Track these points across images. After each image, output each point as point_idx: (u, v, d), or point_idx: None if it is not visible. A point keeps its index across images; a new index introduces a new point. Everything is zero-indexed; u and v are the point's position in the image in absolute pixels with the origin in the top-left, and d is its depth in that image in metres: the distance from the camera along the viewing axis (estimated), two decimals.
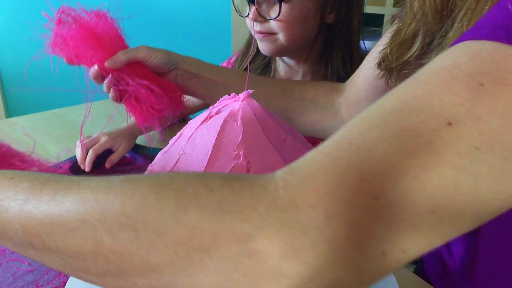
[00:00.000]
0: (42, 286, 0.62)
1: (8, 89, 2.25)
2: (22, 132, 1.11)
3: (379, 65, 0.63)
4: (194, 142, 0.45)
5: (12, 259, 0.67)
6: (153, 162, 0.49)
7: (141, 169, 0.92)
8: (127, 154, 0.96)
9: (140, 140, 1.02)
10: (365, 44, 1.01)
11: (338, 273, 0.26)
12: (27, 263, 0.66)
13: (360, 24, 0.99)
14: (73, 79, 2.34)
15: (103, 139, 0.92)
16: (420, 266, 0.79)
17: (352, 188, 0.26)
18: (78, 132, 0.97)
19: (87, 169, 0.87)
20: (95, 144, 0.91)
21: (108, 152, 0.92)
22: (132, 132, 0.97)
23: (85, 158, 0.88)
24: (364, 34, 1.02)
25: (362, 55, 0.94)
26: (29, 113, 1.23)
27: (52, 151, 0.97)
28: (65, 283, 0.53)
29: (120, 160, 0.95)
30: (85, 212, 0.29)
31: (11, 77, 2.23)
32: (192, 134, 0.45)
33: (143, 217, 0.27)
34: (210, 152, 0.43)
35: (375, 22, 1.70)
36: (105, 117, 1.01)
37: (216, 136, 0.43)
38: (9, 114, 2.26)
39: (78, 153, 0.90)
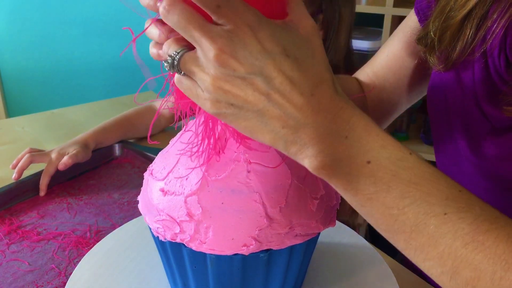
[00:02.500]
0: (42, 286, 0.62)
1: (8, 89, 2.25)
2: (22, 132, 1.11)
3: (419, 40, 0.62)
4: (194, 143, 0.45)
5: (12, 259, 0.67)
6: (153, 162, 0.49)
7: (142, 169, 0.92)
8: (125, 155, 0.96)
9: (139, 139, 1.02)
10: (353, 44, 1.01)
11: None
12: (27, 263, 0.66)
13: (348, 44, 0.97)
14: (74, 79, 2.35)
15: (53, 156, 0.84)
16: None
17: None
18: (78, 132, 0.97)
19: (41, 194, 0.82)
20: (43, 159, 0.84)
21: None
22: (86, 145, 0.89)
23: (19, 177, 0.82)
24: (364, 34, 1.03)
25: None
26: (29, 113, 1.23)
27: None
28: (65, 283, 0.53)
29: (121, 160, 0.95)
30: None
31: (11, 77, 2.22)
32: (192, 134, 0.45)
33: None
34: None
35: (375, 22, 1.70)
36: (105, 117, 1.01)
37: (217, 137, 0.43)
38: (9, 114, 2.26)
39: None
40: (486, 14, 0.53)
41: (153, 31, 0.37)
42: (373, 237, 1.61)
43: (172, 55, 0.35)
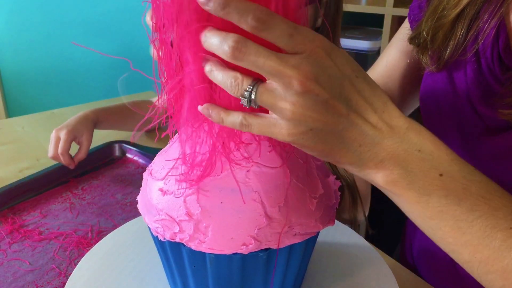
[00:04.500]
0: (42, 286, 0.62)
1: (8, 89, 2.25)
2: (22, 132, 1.11)
3: (411, 40, 0.62)
4: (194, 141, 0.45)
5: (13, 258, 0.67)
6: (152, 162, 0.50)
7: (145, 169, 0.92)
8: (129, 155, 0.97)
9: (140, 139, 1.02)
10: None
11: None
12: (28, 263, 0.66)
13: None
14: (74, 79, 2.35)
15: (62, 134, 0.84)
16: (401, 251, 0.79)
17: None
18: None
19: (72, 167, 0.85)
20: (57, 145, 0.84)
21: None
22: (89, 119, 0.90)
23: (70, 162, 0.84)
24: (364, 34, 1.03)
25: None
26: (29, 113, 1.24)
27: None
28: (64, 284, 0.54)
29: (125, 161, 0.95)
30: None
31: (11, 77, 2.22)
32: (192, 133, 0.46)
33: None
34: (209, 152, 0.43)
35: (375, 22, 1.70)
36: None
37: (216, 135, 0.43)
38: (9, 114, 2.26)
39: (59, 161, 0.84)
40: (477, 14, 0.53)
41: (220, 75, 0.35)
42: (373, 236, 1.61)
43: (248, 89, 0.35)
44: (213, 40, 0.34)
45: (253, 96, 0.34)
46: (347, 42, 1.65)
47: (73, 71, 2.22)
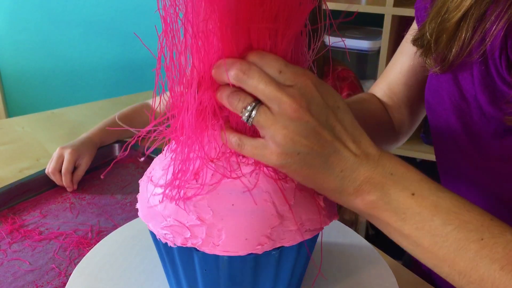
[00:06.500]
0: (42, 286, 0.62)
1: (8, 89, 2.25)
2: (22, 132, 1.11)
3: (415, 41, 0.61)
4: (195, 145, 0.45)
5: (14, 258, 0.67)
6: (150, 168, 0.49)
7: (145, 169, 0.92)
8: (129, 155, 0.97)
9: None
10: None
11: None
12: (28, 263, 0.66)
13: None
14: (74, 79, 2.34)
15: (66, 153, 0.86)
16: (414, 260, 0.79)
17: None
18: (78, 132, 0.98)
19: (75, 187, 0.85)
20: (61, 163, 0.86)
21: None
22: (93, 143, 0.93)
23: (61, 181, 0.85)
24: (364, 34, 1.02)
25: None
26: (29, 113, 1.24)
27: (52, 151, 0.96)
28: (64, 284, 0.53)
29: (125, 161, 0.95)
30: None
31: (11, 77, 2.22)
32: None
33: None
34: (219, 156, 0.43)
35: (375, 22, 1.70)
36: (105, 117, 1.01)
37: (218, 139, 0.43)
38: (9, 114, 2.26)
39: (54, 179, 0.85)
40: (483, 15, 0.52)
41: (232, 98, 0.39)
42: (373, 237, 1.61)
43: (249, 108, 0.38)
44: (221, 68, 0.38)
45: (253, 114, 0.38)
46: (347, 42, 1.65)
47: (73, 71, 2.22)
